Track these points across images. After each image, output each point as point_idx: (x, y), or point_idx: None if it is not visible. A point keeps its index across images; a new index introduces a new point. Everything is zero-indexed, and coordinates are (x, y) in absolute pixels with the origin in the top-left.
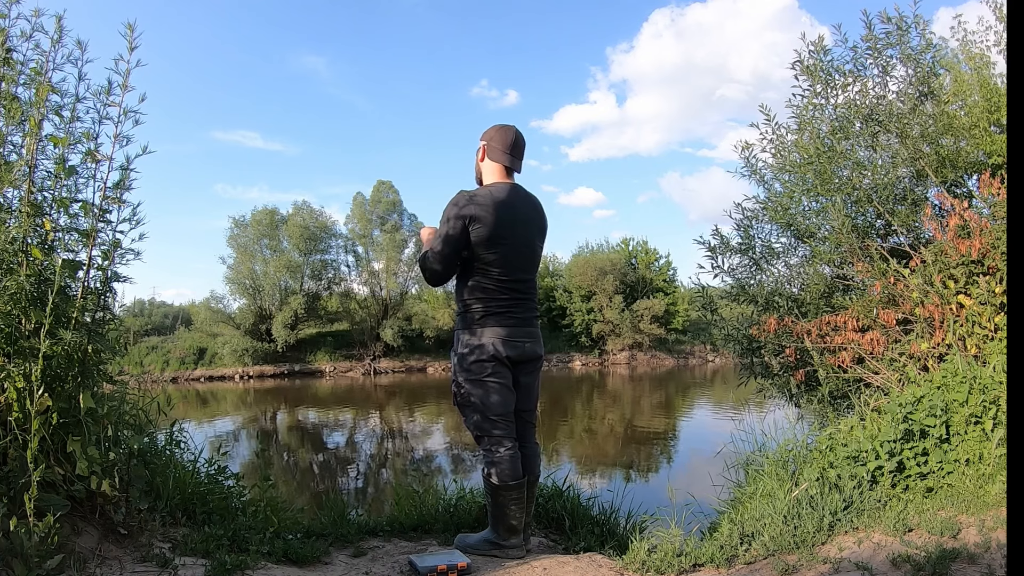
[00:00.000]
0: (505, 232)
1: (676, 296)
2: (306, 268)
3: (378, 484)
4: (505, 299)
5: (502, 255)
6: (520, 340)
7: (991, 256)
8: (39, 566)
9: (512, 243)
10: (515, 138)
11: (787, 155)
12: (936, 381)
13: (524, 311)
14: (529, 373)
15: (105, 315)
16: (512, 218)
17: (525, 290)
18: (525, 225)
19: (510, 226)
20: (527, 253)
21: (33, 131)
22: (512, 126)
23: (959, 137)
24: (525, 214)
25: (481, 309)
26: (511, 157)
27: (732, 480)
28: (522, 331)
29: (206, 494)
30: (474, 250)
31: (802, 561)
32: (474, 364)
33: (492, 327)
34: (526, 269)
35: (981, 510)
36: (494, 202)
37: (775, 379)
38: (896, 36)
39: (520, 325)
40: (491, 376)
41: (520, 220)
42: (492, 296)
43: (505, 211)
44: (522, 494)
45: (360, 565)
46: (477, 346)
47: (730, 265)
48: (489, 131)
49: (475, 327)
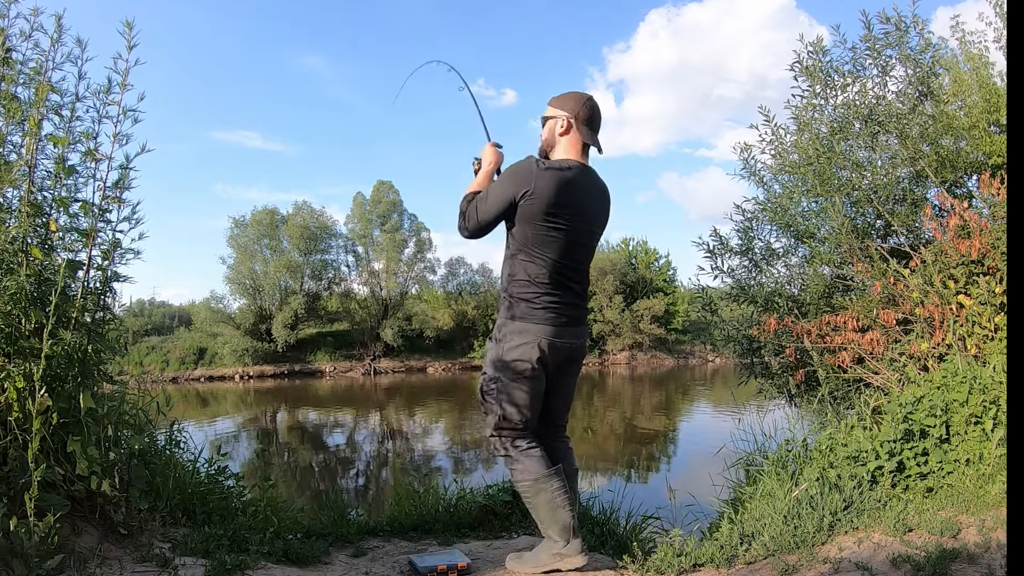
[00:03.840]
0: (566, 215)
1: (676, 296)
2: (306, 268)
3: (378, 484)
4: (558, 293)
5: (559, 240)
6: (568, 340)
7: (991, 256)
8: (39, 566)
9: (572, 229)
10: (597, 112)
11: (786, 156)
12: (936, 381)
13: (576, 308)
14: (571, 374)
15: (105, 315)
16: (577, 202)
17: (580, 280)
18: (589, 212)
19: (574, 210)
20: (585, 242)
21: (33, 130)
22: (592, 97)
23: (959, 137)
24: (592, 201)
25: (531, 302)
26: (594, 135)
27: (732, 480)
28: (572, 330)
29: (206, 494)
30: (526, 228)
31: (802, 561)
32: (514, 362)
33: (541, 324)
34: (583, 259)
35: (981, 510)
36: (560, 180)
37: (775, 379)
38: (895, 36)
39: (571, 324)
40: (529, 379)
41: (585, 206)
42: (544, 288)
43: (571, 193)
44: (563, 482)
45: (360, 565)
46: (521, 343)
47: (730, 266)
48: (574, 100)
49: (523, 321)
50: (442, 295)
